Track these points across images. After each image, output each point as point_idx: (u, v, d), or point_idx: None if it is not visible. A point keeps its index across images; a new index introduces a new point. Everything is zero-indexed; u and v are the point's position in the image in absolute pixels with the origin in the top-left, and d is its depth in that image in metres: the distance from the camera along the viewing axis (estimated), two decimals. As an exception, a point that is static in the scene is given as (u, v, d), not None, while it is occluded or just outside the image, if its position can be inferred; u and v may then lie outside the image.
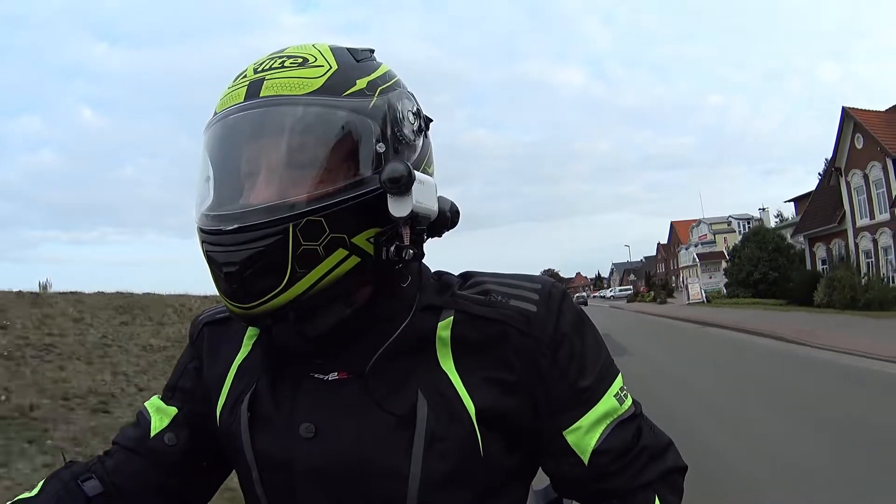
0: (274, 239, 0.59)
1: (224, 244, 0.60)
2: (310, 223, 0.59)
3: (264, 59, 0.67)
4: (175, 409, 0.78)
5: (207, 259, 0.63)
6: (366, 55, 0.69)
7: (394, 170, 0.60)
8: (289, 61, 0.64)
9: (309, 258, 0.60)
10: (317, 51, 0.66)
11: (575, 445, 0.67)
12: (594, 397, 0.68)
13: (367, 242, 0.63)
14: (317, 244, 0.60)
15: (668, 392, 7.38)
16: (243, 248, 0.59)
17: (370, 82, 0.65)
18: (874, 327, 13.49)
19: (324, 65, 0.64)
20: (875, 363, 8.66)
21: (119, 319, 10.65)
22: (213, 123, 0.65)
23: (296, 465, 0.66)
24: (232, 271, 0.60)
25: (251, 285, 0.60)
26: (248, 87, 0.63)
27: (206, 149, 0.66)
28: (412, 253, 0.64)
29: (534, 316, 0.66)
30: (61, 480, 0.74)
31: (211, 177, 0.66)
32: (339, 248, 0.61)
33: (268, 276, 0.60)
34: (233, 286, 0.61)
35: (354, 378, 0.66)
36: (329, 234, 0.60)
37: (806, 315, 18.40)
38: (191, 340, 0.82)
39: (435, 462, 0.63)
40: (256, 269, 0.59)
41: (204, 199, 0.65)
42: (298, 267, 0.60)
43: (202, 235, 0.63)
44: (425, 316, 0.67)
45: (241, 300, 0.61)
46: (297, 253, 0.59)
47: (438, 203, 0.66)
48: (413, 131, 0.67)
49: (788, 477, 4.04)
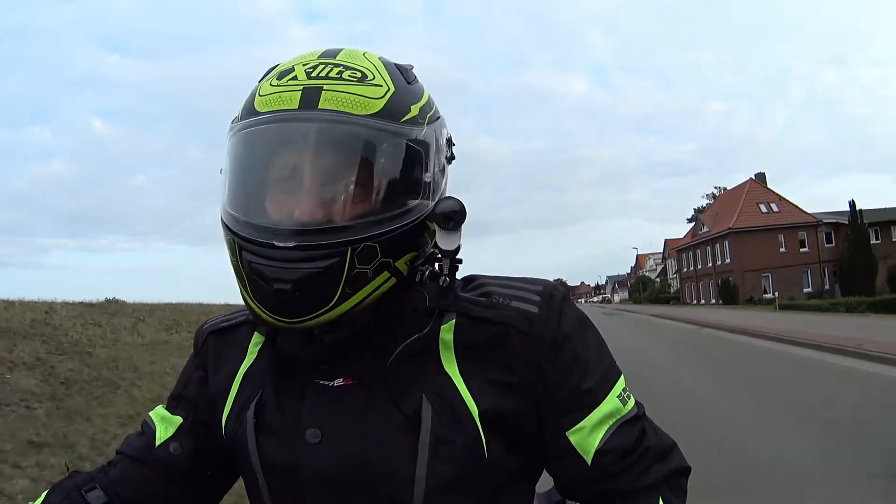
0: (332, 261, 0.59)
1: (276, 259, 0.59)
2: (367, 248, 0.60)
3: (314, 61, 0.65)
4: (180, 418, 0.78)
5: (250, 270, 0.61)
6: (413, 76, 0.69)
7: (449, 206, 0.63)
8: (347, 73, 0.64)
9: (359, 280, 0.61)
10: (372, 65, 0.66)
11: (578, 446, 0.67)
12: (597, 398, 0.68)
13: (405, 265, 0.65)
14: (368, 268, 0.61)
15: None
16: (299, 267, 0.59)
17: (421, 109, 0.66)
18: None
19: (382, 84, 0.64)
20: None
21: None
22: (257, 124, 0.63)
23: (302, 470, 0.66)
24: (284, 289, 0.59)
25: (299, 303, 0.60)
26: (304, 94, 0.62)
27: (246, 150, 0.65)
28: (447, 281, 0.66)
29: (535, 317, 0.67)
30: (65, 491, 0.73)
31: (252, 181, 0.65)
32: (384, 271, 0.62)
33: (318, 296, 0.60)
34: (281, 302, 0.60)
35: (359, 384, 0.67)
36: (380, 258, 0.61)
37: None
38: (195, 349, 0.82)
39: (440, 465, 0.63)
40: (311, 287, 0.59)
41: (241, 204, 0.64)
42: (348, 288, 0.60)
43: (244, 244, 0.61)
44: (427, 320, 0.67)
45: (285, 316, 0.61)
46: (351, 275, 0.60)
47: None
48: (447, 159, 0.70)
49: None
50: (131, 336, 8.73)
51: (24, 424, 4.73)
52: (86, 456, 4.39)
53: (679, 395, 7.04)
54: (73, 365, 6.53)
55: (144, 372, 7.00)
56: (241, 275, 0.63)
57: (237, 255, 0.62)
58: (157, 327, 9.78)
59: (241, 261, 0.62)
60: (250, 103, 0.65)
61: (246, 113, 0.65)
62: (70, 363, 6.55)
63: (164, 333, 9.55)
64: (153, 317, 10.32)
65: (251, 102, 0.65)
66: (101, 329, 8.49)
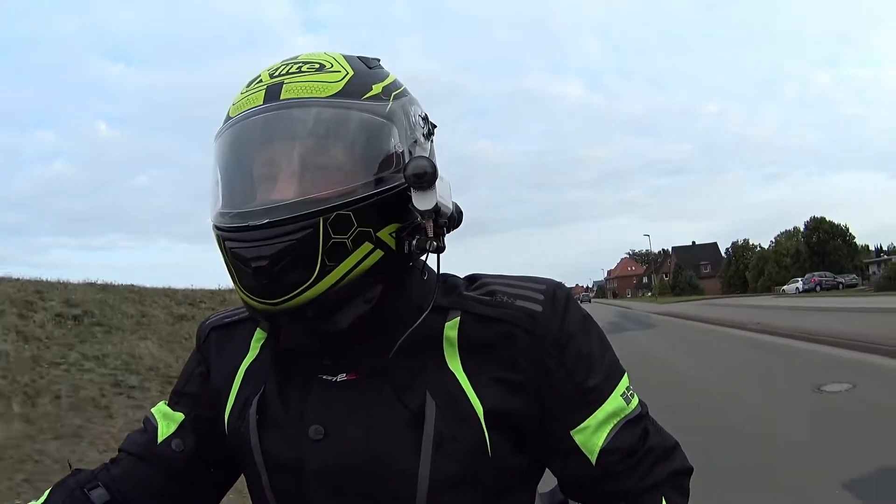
0: (305, 232, 0.60)
1: (253, 240, 0.60)
2: (339, 216, 0.61)
3: (277, 65, 0.68)
4: (182, 414, 0.78)
5: (232, 257, 0.62)
6: (375, 63, 0.71)
7: (418, 165, 0.62)
8: (305, 66, 0.66)
9: (338, 251, 0.61)
10: (331, 57, 0.68)
11: (582, 445, 0.67)
12: (601, 397, 0.68)
13: (390, 237, 0.64)
14: (345, 237, 0.61)
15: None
16: (274, 242, 0.60)
17: (385, 87, 0.67)
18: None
19: (340, 70, 0.66)
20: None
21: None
22: (229, 126, 0.66)
23: (305, 466, 0.66)
24: (262, 266, 0.60)
25: (281, 280, 0.60)
26: (267, 91, 0.64)
27: (222, 152, 0.67)
28: (435, 245, 0.66)
29: (539, 316, 0.67)
30: (67, 489, 0.73)
31: (230, 178, 0.66)
32: (365, 242, 0.62)
33: (298, 270, 0.60)
34: (262, 281, 0.61)
35: (363, 379, 0.67)
36: (357, 227, 0.61)
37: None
38: (198, 345, 0.82)
39: (443, 462, 0.63)
40: (287, 262, 0.60)
41: (222, 200, 0.66)
42: (328, 260, 0.60)
43: (225, 234, 0.63)
44: (432, 316, 0.67)
45: (269, 296, 0.61)
46: (327, 246, 0.60)
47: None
48: (423, 135, 0.70)
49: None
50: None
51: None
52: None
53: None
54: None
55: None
56: (229, 266, 0.64)
57: (224, 248, 0.64)
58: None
59: (225, 253, 0.63)
60: (227, 113, 0.67)
61: (224, 122, 0.67)
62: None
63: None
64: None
65: (227, 112, 0.67)
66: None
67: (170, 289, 11.89)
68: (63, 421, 4.90)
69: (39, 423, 4.75)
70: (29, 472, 3.91)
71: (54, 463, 4.07)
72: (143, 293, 10.69)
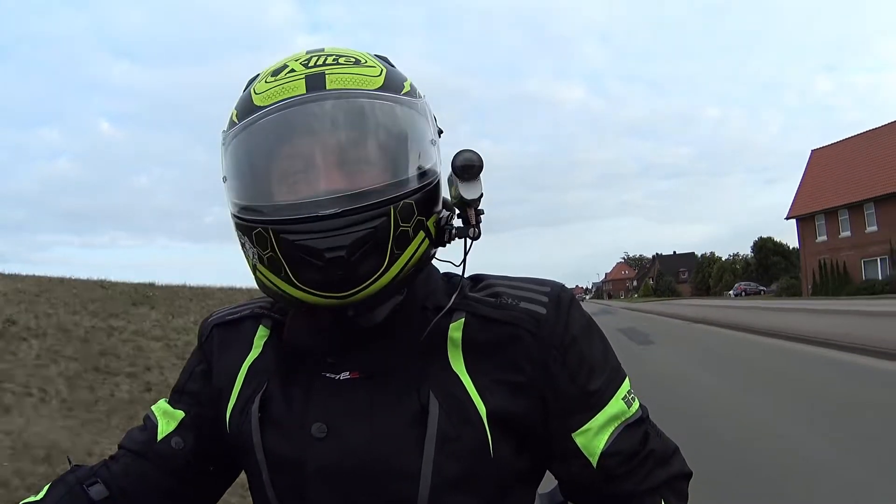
0: (381, 220, 0.60)
1: (326, 230, 0.59)
2: (406, 205, 0.62)
3: (304, 56, 0.67)
4: (182, 412, 0.78)
5: (295, 249, 0.60)
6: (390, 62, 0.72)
7: (467, 158, 0.64)
8: (342, 59, 0.66)
9: (404, 239, 0.62)
10: (359, 53, 0.69)
11: (584, 448, 0.67)
12: (603, 400, 0.68)
13: (433, 226, 0.67)
14: (409, 226, 0.63)
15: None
16: (352, 231, 0.59)
17: (411, 85, 0.69)
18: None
19: (375, 66, 0.67)
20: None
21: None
22: (265, 115, 0.63)
23: (307, 464, 0.65)
24: (338, 256, 0.59)
25: (356, 270, 0.60)
26: (308, 80, 0.63)
27: (257, 143, 0.64)
28: (477, 232, 0.68)
29: (543, 318, 0.67)
30: (67, 485, 0.73)
31: (276, 168, 0.64)
32: (420, 230, 0.64)
33: (372, 259, 0.60)
34: (337, 273, 0.60)
35: (366, 378, 0.67)
36: (416, 216, 0.63)
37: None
38: (200, 342, 0.81)
39: (446, 463, 0.63)
40: (364, 251, 0.60)
41: (264, 192, 0.64)
42: (396, 248, 0.62)
43: (283, 227, 0.60)
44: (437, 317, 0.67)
45: (340, 289, 0.61)
46: (397, 234, 0.61)
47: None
48: (438, 131, 0.72)
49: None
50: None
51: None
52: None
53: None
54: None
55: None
56: (281, 262, 0.61)
57: (274, 243, 0.61)
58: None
59: (279, 247, 0.61)
60: (247, 104, 0.65)
61: (245, 113, 0.65)
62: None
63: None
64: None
65: (248, 103, 0.65)
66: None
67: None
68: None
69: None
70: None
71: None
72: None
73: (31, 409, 5.56)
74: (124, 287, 12.90)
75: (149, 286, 13.67)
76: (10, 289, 10.01)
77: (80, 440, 4.92)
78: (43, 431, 4.89)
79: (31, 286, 10.77)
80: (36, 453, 4.35)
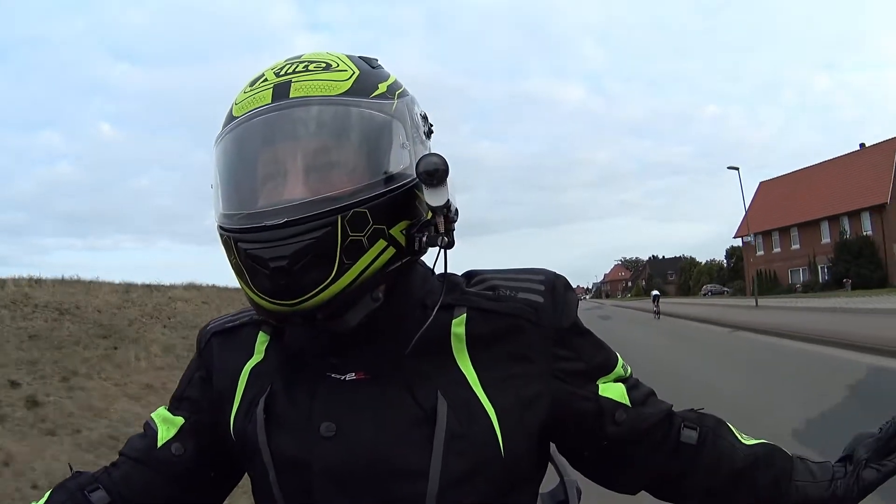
0: (324, 230, 0.60)
1: (270, 240, 0.60)
2: (356, 214, 0.61)
3: (281, 64, 0.68)
4: (182, 418, 0.77)
5: (248, 258, 0.61)
6: (376, 62, 0.72)
7: (430, 162, 0.63)
8: (312, 65, 0.66)
9: (355, 249, 0.61)
10: (335, 57, 0.69)
11: (617, 396, 0.72)
12: (609, 366, 0.74)
13: (401, 234, 0.65)
14: (362, 235, 0.61)
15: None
16: (293, 242, 0.59)
17: (389, 86, 0.68)
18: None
19: (346, 69, 0.67)
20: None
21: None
22: (235, 126, 0.65)
23: (314, 464, 0.65)
24: (281, 266, 0.59)
25: (300, 279, 0.60)
26: (275, 89, 0.64)
27: (228, 152, 0.66)
28: (446, 241, 0.66)
29: (542, 307, 0.69)
30: (68, 491, 0.73)
31: (238, 178, 0.66)
32: (380, 239, 0.63)
33: (317, 269, 0.60)
34: (280, 282, 0.60)
35: (372, 378, 0.67)
36: (372, 224, 0.62)
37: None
38: (198, 350, 0.81)
39: (455, 460, 0.64)
40: (306, 262, 0.60)
41: (231, 201, 0.65)
42: (346, 258, 0.61)
43: (237, 235, 0.62)
44: (439, 314, 0.67)
45: (288, 296, 0.61)
46: (345, 244, 0.61)
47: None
48: (424, 133, 0.72)
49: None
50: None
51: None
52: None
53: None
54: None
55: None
56: (241, 269, 0.63)
57: (234, 250, 0.63)
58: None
59: (238, 254, 0.62)
60: (228, 114, 0.67)
61: (225, 123, 0.67)
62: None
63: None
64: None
65: (229, 112, 0.67)
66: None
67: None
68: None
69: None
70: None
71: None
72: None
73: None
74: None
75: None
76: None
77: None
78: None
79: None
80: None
